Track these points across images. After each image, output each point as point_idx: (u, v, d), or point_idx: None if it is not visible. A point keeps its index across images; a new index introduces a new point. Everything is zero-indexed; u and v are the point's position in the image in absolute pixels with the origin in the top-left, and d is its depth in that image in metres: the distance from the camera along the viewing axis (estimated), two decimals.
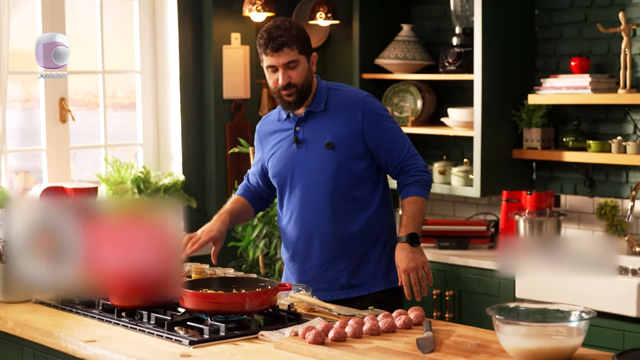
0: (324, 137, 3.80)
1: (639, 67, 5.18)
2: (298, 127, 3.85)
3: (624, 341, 4.59)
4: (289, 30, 3.72)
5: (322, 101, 3.84)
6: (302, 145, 3.84)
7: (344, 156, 3.78)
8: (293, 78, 3.75)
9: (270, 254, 5.67)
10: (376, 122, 3.81)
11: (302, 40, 3.76)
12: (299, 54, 3.74)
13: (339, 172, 3.79)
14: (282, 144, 3.89)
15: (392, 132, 3.84)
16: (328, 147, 3.78)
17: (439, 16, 6.08)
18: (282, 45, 3.71)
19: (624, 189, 5.32)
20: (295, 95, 3.77)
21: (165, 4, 5.99)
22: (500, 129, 5.52)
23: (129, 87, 6.10)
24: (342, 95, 3.87)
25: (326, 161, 3.79)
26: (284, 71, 3.74)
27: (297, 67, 3.75)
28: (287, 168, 3.87)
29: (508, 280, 5.06)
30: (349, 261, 3.83)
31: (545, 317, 2.85)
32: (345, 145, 3.78)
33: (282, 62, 3.73)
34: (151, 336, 3.19)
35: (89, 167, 5.89)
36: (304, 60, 3.77)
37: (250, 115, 6.20)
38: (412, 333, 3.12)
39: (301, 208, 3.85)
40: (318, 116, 3.83)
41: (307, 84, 3.79)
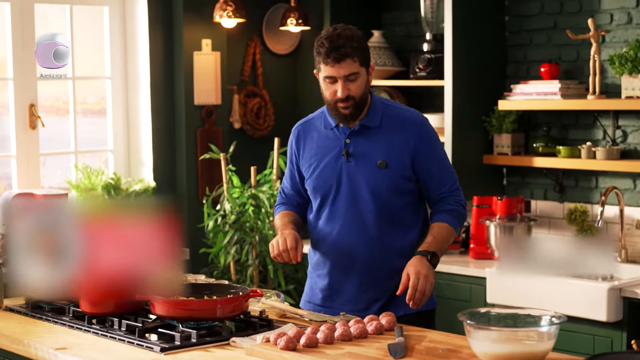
0: (376, 155, 3.60)
1: (608, 73, 5.22)
2: (349, 139, 3.64)
3: (594, 346, 4.61)
4: (351, 40, 3.52)
5: (377, 116, 3.65)
6: (352, 159, 3.63)
7: (395, 176, 3.60)
8: (352, 91, 3.55)
9: (242, 260, 5.67)
10: (430, 147, 3.65)
11: (364, 51, 3.57)
12: (360, 66, 3.55)
13: (388, 192, 3.60)
14: (328, 154, 3.67)
15: (442, 162, 3.70)
16: (381, 166, 3.58)
17: (410, 22, 6.10)
18: (345, 56, 3.50)
19: (594, 194, 5.35)
20: (352, 108, 3.57)
21: (136, 10, 5.97)
22: (470, 135, 5.54)
23: (99, 93, 6.07)
24: (398, 113, 3.68)
25: (377, 179, 3.60)
26: (344, 83, 3.54)
27: (357, 79, 3.55)
28: (332, 180, 3.65)
29: (479, 285, 5.07)
30: (389, 284, 3.61)
31: (516, 322, 2.86)
32: (397, 165, 3.60)
33: (342, 74, 3.52)
34: (122, 343, 3.18)
35: (59, 173, 5.86)
36: (363, 72, 3.57)
37: (221, 121, 6.19)
38: (384, 338, 3.12)
39: (344, 225, 3.64)
40: (372, 131, 3.63)
41: (364, 97, 3.60)
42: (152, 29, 5.95)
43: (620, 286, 4.58)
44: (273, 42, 6.47)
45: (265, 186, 5.66)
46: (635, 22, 5.14)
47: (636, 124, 5.16)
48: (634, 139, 5.18)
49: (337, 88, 3.55)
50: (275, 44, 6.48)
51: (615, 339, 4.56)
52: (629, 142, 5.20)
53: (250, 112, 6.36)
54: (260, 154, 6.21)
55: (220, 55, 6.14)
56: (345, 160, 3.63)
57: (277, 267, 5.65)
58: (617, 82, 5.17)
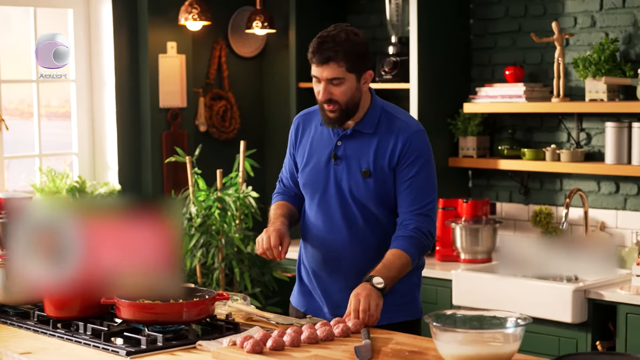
0: (362, 162, 3.52)
1: (572, 76, 5.25)
2: (340, 142, 3.56)
3: (559, 347, 4.64)
4: (341, 45, 3.41)
5: (373, 123, 3.54)
6: (340, 163, 3.55)
7: (377, 186, 3.51)
8: (335, 95, 3.45)
9: (208, 264, 5.65)
10: (412, 160, 3.51)
11: (354, 56, 3.43)
12: (346, 71, 3.42)
13: (371, 202, 3.52)
14: (320, 153, 3.60)
15: (421, 179, 3.52)
16: (365, 175, 3.51)
17: (375, 25, 6.11)
18: (328, 59, 3.41)
19: (558, 196, 5.38)
20: (338, 112, 3.47)
21: (100, 12, 5.95)
22: (436, 138, 5.55)
23: (63, 96, 6.04)
24: (394, 121, 3.56)
25: (360, 188, 3.52)
26: (326, 86, 3.45)
27: (342, 84, 3.44)
28: (320, 181, 3.59)
29: (445, 287, 5.09)
30: None
31: (482, 323, 2.87)
32: (381, 175, 3.51)
33: (325, 77, 3.44)
34: (87, 347, 3.16)
35: (24, 176, 5.82)
36: (351, 78, 3.44)
37: (187, 124, 6.17)
38: (350, 341, 3.12)
39: (333, 224, 3.57)
40: (364, 137, 3.54)
41: (352, 103, 3.48)
42: (117, 31, 5.93)
43: (585, 288, 4.60)
44: (239, 44, 6.46)
45: (231, 189, 5.64)
46: (598, 26, 5.18)
47: (600, 127, 5.19)
48: (598, 142, 5.21)
49: (320, 89, 3.48)
50: (241, 47, 6.47)
51: (580, 340, 4.59)
52: (593, 144, 5.23)
53: (216, 115, 6.35)
54: (226, 156, 6.20)
55: (185, 58, 6.12)
56: (333, 163, 3.56)
57: (243, 271, 5.64)
58: (581, 85, 5.20)
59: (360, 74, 3.48)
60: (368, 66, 3.51)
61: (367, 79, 3.51)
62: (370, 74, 3.51)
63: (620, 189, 5.17)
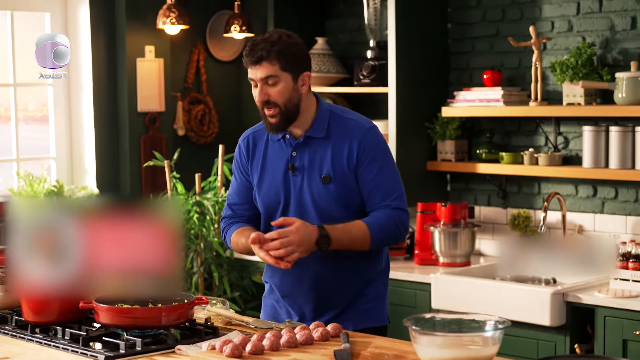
0: (321, 168, 3.49)
1: (550, 80, 5.27)
2: (295, 152, 3.53)
3: (537, 350, 4.65)
4: (274, 44, 3.42)
5: (324, 127, 3.52)
6: (298, 173, 3.52)
7: (340, 190, 3.48)
8: (272, 96, 3.45)
9: (187, 268, 5.64)
10: (371, 157, 3.49)
11: (288, 56, 3.43)
12: (280, 69, 3.43)
13: (334, 208, 3.48)
14: (275, 167, 3.56)
15: (385, 177, 3.51)
16: (325, 181, 3.48)
17: (354, 29, 6.12)
18: (260, 59, 3.42)
19: (537, 199, 5.40)
20: (278, 116, 3.46)
21: (78, 16, 5.93)
22: (414, 141, 5.57)
23: (41, 100, 6.02)
24: (345, 123, 3.53)
25: (322, 195, 3.49)
26: (262, 86, 3.46)
27: (277, 84, 3.44)
28: (278, 195, 3.54)
29: (424, 291, 5.09)
30: (339, 300, 3.56)
31: (461, 327, 2.88)
32: (342, 179, 3.48)
33: (259, 77, 3.45)
34: (66, 352, 3.15)
35: (1, 181, 5.80)
36: (286, 77, 3.44)
37: (165, 128, 6.16)
38: (330, 345, 3.12)
39: None
40: (317, 143, 3.51)
41: (291, 105, 3.46)
42: (94, 35, 5.91)
43: (563, 291, 4.62)
44: (217, 48, 6.45)
45: (210, 193, 5.64)
46: (576, 30, 5.20)
47: (577, 131, 5.21)
48: (576, 145, 5.23)
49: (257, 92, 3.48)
50: (219, 51, 6.47)
51: (558, 343, 4.60)
52: (571, 148, 5.26)
53: (194, 119, 6.34)
54: (205, 160, 6.20)
55: (163, 61, 6.11)
56: (291, 175, 3.53)
57: (222, 275, 5.63)
58: (558, 89, 5.22)
59: (296, 74, 3.47)
60: (305, 68, 3.50)
61: (306, 80, 3.50)
62: (308, 76, 3.50)
63: (598, 192, 5.19)
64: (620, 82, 4.87)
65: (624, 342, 4.46)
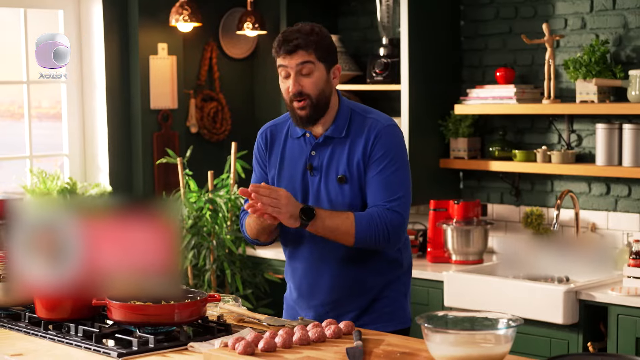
0: (338, 169, 3.43)
1: (563, 77, 5.26)
2: (314, 151, 3.48)
3: (550, 348, 4.64)
4: (308, 35, 3.37)
5: (344, 126, 3.46)
6: (316, 173, 3.47)
7: (356, 191, 3.43)
8: (306, 87, 3.37)
9: (199, 265, 5.65)
10: (380, 156, 3.41)
11: (323, 46, 3.39)
12: (316, 59, 3.37)
13: (352, 208, 3.41)
14: (293, 166, 3.51)
15: (389, 175, 3.41)
16: (341, 182, 3.42)
17: (366, 27, 6.11)
18: (297, 47, 3.35)
19: (549, 197, 5.39)
20: (308, 108, 3.39)
21: (91, 13, 5.94)
22: (427, 139, 5.56)
23: (54, 97, 6.03)
24: (363, 122, 3.46)
25: (338, 196, 3.43)
26: (296, 77, 3.37)
27: (312, 73, 3.38)
28: (297, 195, 3.48)
29: (436, 289, 5.09)
30: (358, 303, 3.52)
31: (474, 325, 2.87)
32: (357, 177, 3.42)
33: (294, 64, 3.36)
34: (79, 349, 3.15)
35: (14, 178, 5.81)
36: (321, 67, 3.38)
37: (178, 125, 6.17)
38: (342, 342, 3.12)
39: (310, 242, 3.49)
40: (337, 142, 3.45)
41: (323, 97, 3.40)
42: (107, 32, 5.93)
43: (576, 289, 4.61)
44: (229, 46, 6.46)
45: (223, 190, 5.64)
46: (589, 27, 5.18)
47: (590, 128, 5.20)
48: (589, 143, 5.22)
49: (290, 83, 3.39)
50: (232, 48, 6.47)
51: (571, 342, 4.59)
52: (584, 146, 5.24)
53: (207, 117, 6.34)
54: (217, 158, 6.20)
55: (176, 59, 6.12)
56: (310, 175, 3.49)
57: (234, 272, 5.64)
58: (571, 87, 5.21)
59: (330, 66, 3.43)
60: (336, 60, 3.46)
61: (337, 74, 3.46)
62: (339, 69, 3.46)
63: (611, 190, 5.18)
64: (634, 79, 4.85)
65: (637, 341, 4.45)
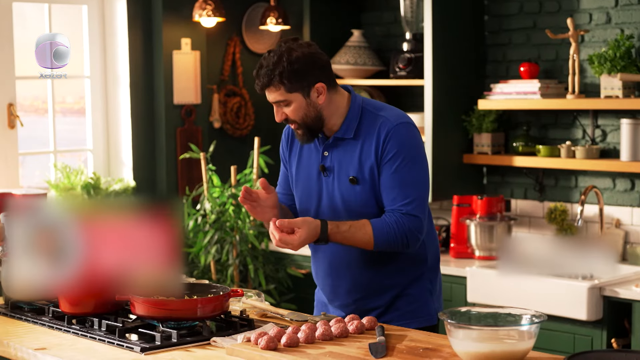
0: (349, 170, 3.40)
1: (587, 72, 5.24)
2: (326, 152, 3.45)
3: (574, 344, 4.63)
4: (274, 68, 3.30)
5: (353, 126, 3.40)
6: (329, 174, 3.45)
7: (367, 192, 3.39)
8: (289, 115, 3.36)
9: (222, 260, 5.66)
10: (392, 156, 3.35)
11: (292, 76, 3.30)
12: (287, 92, 3.32)
13: (364, 209, 3.39)
14: (309, 166, 3.51)
15: (403, 176, 3.36)
16: (353, 183, 3.39)
17: (390, 22, 6.10)
18: (265, 86, 3.34)
19: (573, 193, 5.37)
20: (301, 130, 3.39)
21: (115, 8, 5.96)
22: (450, 134, 5.55)
23: (78, 92, 6.05)
24: (374, 120, 3.40)
25: (351, 197, 3.40)
26: (277, 108, 3.37)
27: (290, 105, 3.35)
28: (312, 195, 3.49)
29: (459, 284, 5.08)
30: (380, 301, 3.50)
31: (497, 321, 2.87)
32: (370, 178, 3.38)
33: (271, 100, 3.37)
34: (102, 343, 3.16)
35: (38, 173, 5.84)
36: (297, 97, 3.33)
37: (201, 120, 6.18)
38: (365, 338, 3.12)
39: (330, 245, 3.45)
40: (347, 143, 3.41)
41: (310, 119, 3.37)
42: (131, 28, 5.94)
43: (600, 285, 4.59)
44: (253, 41, 6.46)
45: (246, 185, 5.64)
46: (614, 22, 5.16)
47: (615, 124, 5.18)
48: (613, 138, 5.20)
49: None
50: (255, 43, 6.47)
51: (595, 338, 4.58)
52: (608, 141, 5.22)
53: (230, 112, 6.35)
54: (240, 153, 6.21)
55: (199, 54, 6.13)
56: (323, 175, 3.47)
57: (257, 267, 5.64)
58: (596, 82, 5.19)
59: (306, 90, 3.35)
60: (315, 79, 3.35)
61: (321, 90, 3.36)
62: (322, 86, 3.36)
63: (636, 186, 5.15)
64: None
65: None
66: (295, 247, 3.29)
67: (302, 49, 3.34)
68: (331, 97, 3.42)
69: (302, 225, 3.28)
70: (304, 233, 3.28)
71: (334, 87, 3.44)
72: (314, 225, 3.30)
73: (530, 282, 4.79)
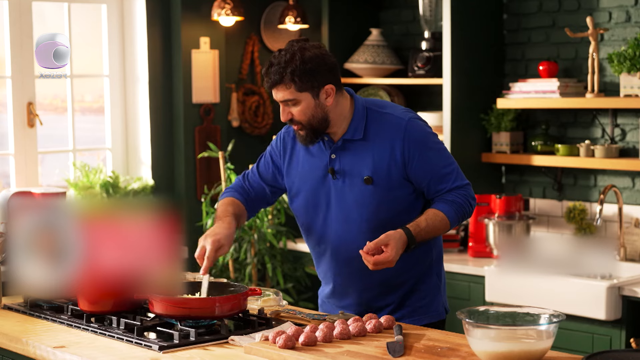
0: (363, 170, 3.41)
1: (607, 71, 5.22)
2: (334, 154, 3.46)
3: (593, 344, 4.61)
4: (286, 66, 3.31)
5: (361, 127, 3.42)
6: (339, 177, 3.45)
7: (384, 190, 3.41)
8: (295, 115, 3.38)
9: (240, 259, 5.66)
10: (419, 152, 3.40)
11: (304, 75, 3.32)
12: (297, 91, 3.33)
13: (381, 208, 3.42)
14: (314, 169, 3.50)
15: (435, 164, 3.44)
16: (367, 183, 3.40)
17: (408, 21, 6.10)
18: (275, 83, 3.34)
19: (592, 192, 5.35)
20: (305, 131, 3.40)
21: (134, 8, 5.97)
22: (469, 133, 5.54)
23: (97, 91, 6.07)
24: (383, 119, 3.43)
25: (366, 197, 3.41)
26: (283, 107, 3.39)
27: (298, 104, 3.36)
28: (320, 201, 3.49)
29: (478, 284, 5.07)
30: (391, 299, 3.52)
31: (515, 320, 2.86)
32: (386, 178, 3.40)
33: (279, 99, 3.37)
34: (120, 341, 3.17)
35: (57, 171, 5.86)
36: (306, 97, 3.35)
37: (220, 119, 6.18)
38: (383, 337, 3.12)
39: (338, 245, 3.48)
40: (357, 145, 3.43)
41: (316, 120, 3.38)
42: (150, 27, 5.95)
43: (619, 285, 4.58)
44: (271, 40, 6.46)
45: None
46: (633, 21, 5.14)
47: (635, 122, 5.16)
48: (633, 137, 5.18)
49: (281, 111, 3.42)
50: (274, 42, 6.48)
51: (614, 338, 4.56)
52: (628, 140, 5.20)
53: (248, 110, 6.36)
54: (259, 152, 6.18)
55: (218, 53, 6.14)
56: (332, 178, 3.47)
57: (275, 266, 5.65)
58: (615, 81, 5.17)
59: (316, 91, 3.36)
60: (325, 80, 3.37)
61: (330, 92, 3.38)
62: (331, 88, 3.38)
63: None
64: None
65: None
66: (393, 264, 3.30)
67: (314, 50, 3.37)
68: (338, 99, 3.44)
69: (387, 240, 3.29)
70: (393, 246, 3.29)
71: (340, 90, 3.46)
72: (398, 235, 3.31)
73: (548, 281, 4.78)
